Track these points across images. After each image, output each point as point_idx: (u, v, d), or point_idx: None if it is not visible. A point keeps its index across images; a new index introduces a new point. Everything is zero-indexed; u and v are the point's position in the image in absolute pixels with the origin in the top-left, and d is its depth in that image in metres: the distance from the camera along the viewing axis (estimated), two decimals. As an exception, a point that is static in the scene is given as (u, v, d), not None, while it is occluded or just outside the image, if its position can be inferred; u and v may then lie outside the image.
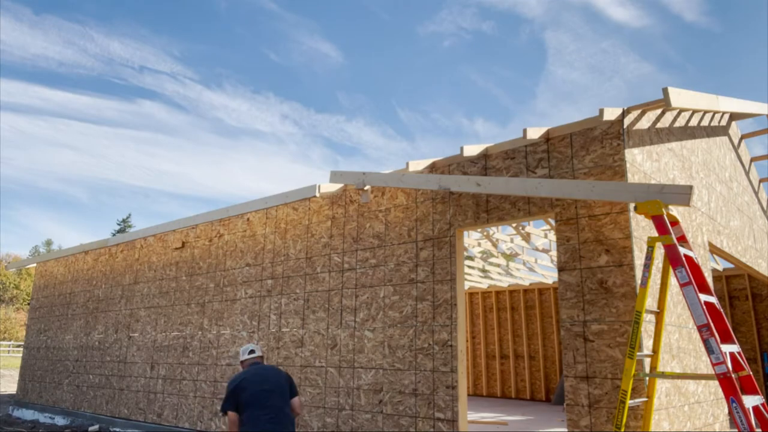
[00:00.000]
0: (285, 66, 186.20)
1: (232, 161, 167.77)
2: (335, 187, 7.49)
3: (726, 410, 6.45)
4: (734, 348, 4.57)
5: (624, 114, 5.45)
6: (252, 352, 4.96)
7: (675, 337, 5.51)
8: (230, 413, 4.53)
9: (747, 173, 9.88)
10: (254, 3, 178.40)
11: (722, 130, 8.78)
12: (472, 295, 15.89)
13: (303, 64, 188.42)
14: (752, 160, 10.29)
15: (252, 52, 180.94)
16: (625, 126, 5.43)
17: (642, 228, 5.30)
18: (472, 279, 14.55)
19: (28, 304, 49.87)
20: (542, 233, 10.44)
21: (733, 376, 4.07)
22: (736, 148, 9.42)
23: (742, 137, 9.90)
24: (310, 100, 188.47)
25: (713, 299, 4.71)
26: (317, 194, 7.29)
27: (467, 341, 15.65)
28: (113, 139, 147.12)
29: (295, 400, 4.68)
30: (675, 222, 4.82)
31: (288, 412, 4.57)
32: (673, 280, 5.38)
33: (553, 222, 9.39)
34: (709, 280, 6.32)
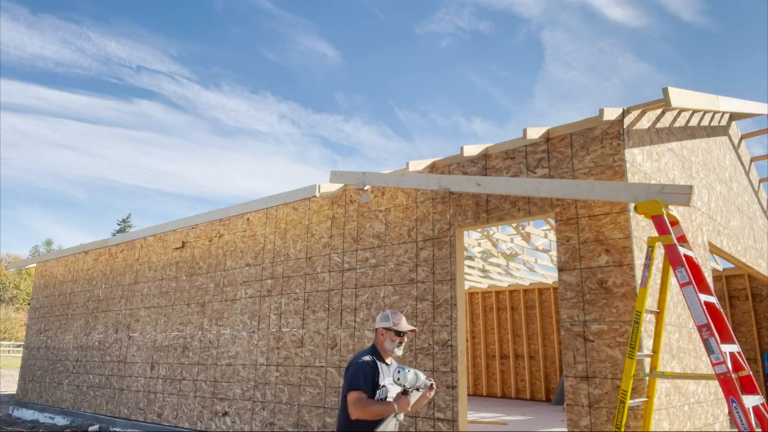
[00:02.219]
0: (282, 66, 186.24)
1: (231, 161, 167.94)
2: (335, 187, 7.49)
3: (726, 410, 6.45)
4: (734, 348, 4.57)
5: (624, 114, 5.45)
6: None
7: (675, 337, 5.51)
8: None
9: (747, 173, 9.88)
10: (251, 2, 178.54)
11: (722, 130, 8.78)
12: (472, 295, 15.89)
13: (300, 64, 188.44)
14: (752, 160, 10.29)
15: (249, 51, 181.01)
16: (625, 126, 5.43)
17: (642, 228, 5.30)
18: (472, 279, 14.55)
19: (28, 304, 49.85)
20: (542, 233, 10.44)
21: (733, 376, 4.07)
22: (736, 148, 9.42)
23: (742, 137, 9.90)
24: (308, 100, 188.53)
25: (713, 299, 4.71)
26: (317, 194, 7.29)
27: (467, 341, 15.65)
28: (111, 139, 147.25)
29: (348, 396, 3.43)
30: (675, 222, 4.82)
31: (342, 412, 3.56)
32: (673, 280, 5.38)
33: (553, 222, 9.39)
34: (709, 280, 6.32)
